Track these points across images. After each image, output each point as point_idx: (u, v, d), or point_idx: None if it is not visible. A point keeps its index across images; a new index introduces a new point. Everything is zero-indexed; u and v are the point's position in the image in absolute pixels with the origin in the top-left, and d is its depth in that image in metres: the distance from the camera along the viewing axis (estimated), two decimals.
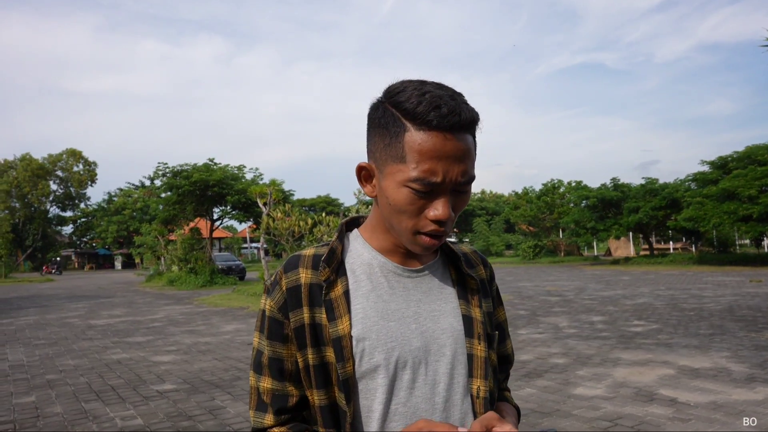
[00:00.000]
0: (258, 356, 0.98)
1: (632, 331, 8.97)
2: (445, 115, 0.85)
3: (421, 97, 0.87)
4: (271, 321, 0.96)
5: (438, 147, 0.86)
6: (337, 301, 0.94)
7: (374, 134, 0.94)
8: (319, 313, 0.94)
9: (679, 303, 12.26)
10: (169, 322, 12.50)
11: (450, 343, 0.98)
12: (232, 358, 7.98)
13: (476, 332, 1.00)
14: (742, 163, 24.76)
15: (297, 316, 0.94)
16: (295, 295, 0.94)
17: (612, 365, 6.67)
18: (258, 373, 0.97)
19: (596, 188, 32.08)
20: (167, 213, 28.69)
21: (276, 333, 0.96)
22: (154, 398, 5.95)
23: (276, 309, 0.96)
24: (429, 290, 1.00)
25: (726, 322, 9.41)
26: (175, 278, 25.94)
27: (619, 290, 15.74)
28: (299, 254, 0.99)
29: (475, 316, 1.02)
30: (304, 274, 0.96)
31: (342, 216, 19.93)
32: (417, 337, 0.95)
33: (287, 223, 18.28)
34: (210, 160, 26.95)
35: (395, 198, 0.90)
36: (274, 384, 0.96)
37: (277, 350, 0.95)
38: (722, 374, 6.08)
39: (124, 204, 55.82)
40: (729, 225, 23.59)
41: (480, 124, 0.92)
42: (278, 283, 0.97)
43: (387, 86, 0.93)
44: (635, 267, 26.55)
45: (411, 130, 0.87)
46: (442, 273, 1.04)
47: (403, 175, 0.88)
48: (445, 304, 1.00)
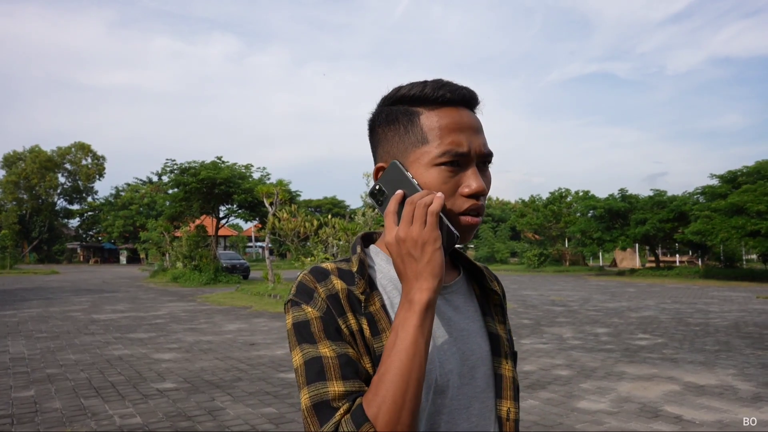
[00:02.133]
0: (315, 364, 0.81)
1: (637, 344, 8.88)
2: (455, 90, 0.89)
3: (423, 84, 0.90)
4: (325, 321, 0.84)
5: (456, 119, 0.88)
6: (378, 314, 0.87)
7: (384, 132, 0.93)
8: (363, 324, 0.86)
9: (685, 317, 12.14)
10: (171, 319, 12.49)
11: (480, 364, 0.94)
12: (233, 358, 7.95)
13: (503, 351, 0.97)
14: (752, 178, 24.58)
15: (346, 323, 0.85)
16: (337, 302, 0.86)
17: (616, 379, 6.60)
18: (321, 380, 0.79)
19: (604, 198, 31.93)
20: (173, 209, 28.76)
21: (336, 331, 0.83)
22: (153, 397, 5.92)
23: (323, 313, 0.85)
24: (457, 308, 0.96)
25: (732, 339, 9.30)
26: (179, 275, 25.99)
27: (625, 302, 15.63)
28: (322, 266, 0.91)
29: (501, 334, 0.99)
30: (337, 282, 0.88)
31: (348, 218, 19.90)
32: (450, 358, 0.90)
33: (293, 223, 18.27)
34: (218, 158, 27.00)
35: (425, 182, 0.87)
36: (351, 385, 0.80)
37: (344, 348, 0.82)
38: (728, 392, 5.99)
39: (131, 199, 56.05)
40: (737, 240, 23.41)
41: (481, 105, 0.94)
42: (315, 291, 0.87)
43: (381, 99, 0.95)
44: (641, 279, 26.37)
45: (424, 112, 0.89)
46: (467, 289, 1.00)
47: (429, 155, 0.87)
48: (473, 323, 0.96)
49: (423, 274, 0.80)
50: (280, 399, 5.81)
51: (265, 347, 8.85)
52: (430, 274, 0.79)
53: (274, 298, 16.46)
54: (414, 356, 0.76)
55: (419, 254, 0.80)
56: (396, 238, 0.82)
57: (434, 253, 0.80)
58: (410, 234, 0.81)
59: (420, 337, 0.77)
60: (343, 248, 16.65)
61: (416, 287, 0.79)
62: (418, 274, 0.80)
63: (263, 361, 7.73)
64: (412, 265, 0.81)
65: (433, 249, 0.80)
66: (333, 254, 16.83)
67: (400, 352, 0.76)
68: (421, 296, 0.79)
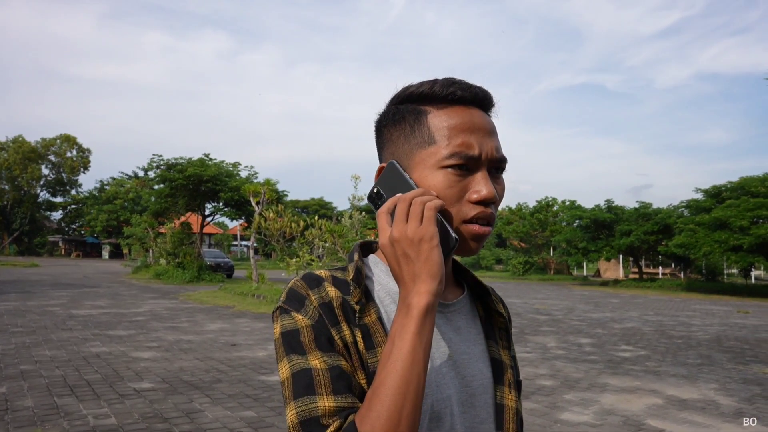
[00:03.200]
0: (304, 377, 0.73)
1: (620, 356, 8.88)
2: (466, 88, 0.83)
3: (433, 82, 0.84)
4: (316, 331, 0.77)
5: (467, 119, 0.82)
6: (374, 327, 0.80)
7: (389, 132, 0.87)
8: (357, 336, 0.79)
9: (668, 330, 12.20)
10: (152, 317, 12.31)
11: (480, 392, 0.86)
12: (213, 359, 7.81)
13: (506, 379, 0.90)
14: (736, 194, 24.87)
15: (340, 333, 0.77)
16: (330, 311, 0.78)
17: (600, 390, 6.57)
18: (309, 394, 0.72)
19: (590, 209, 32.15)
20: (159, 205, 28.52)
21: (328, 342, 0.76)
22: (130, 396, 5.79)
23: (315, 322, 0.78)
24: (459, 329, 0.88)
25: (714, 353, 9.35)
26: (162, 272, 25.76)
27: (608, 313, 15.69)
28: (316, 273, 0.84)
29: (505, 360, 0.92)
30: (331, 290, 0.81)
31: (335, 220, 19.80)
32: (449, 383, 0.82)
33: (279, 223, 18.14)
34: (205, 155, 26.83)
35: (430, 185, 0.81)
36: (343, 401, 0.72)
37: (336, 360, 0.75)
38: (710, 407, 5.99)
39: (116, 193, 55.39)
40: (719, 254, 23.66)
41: (496, 108, 0.88)
42: (306, 298, 0.80)
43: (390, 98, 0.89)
44: (624, 290, 26.55)
45: (433, 111, 0.83)
46: (470, 310, 0.93)
47: (436, 156, 0.81)
48: (475, 346, 0.89)
49: (420, 276, 0.72)
50: (260, 402, 5.70)
51: (246, 348, 8.72)
52: (428, 275, 0.72)
53: (257, 298, 16.31)
54: (412, 366, 0.69)
55: (415, 253, 0.73)
56: (390, 239, 0.76)
57: (431, 251, 0.73)
58: (405, 232, 0.74)
59: (418, 346, 0.70)
60: (329, 250, 16.55)
61: (413, 290, 0.72)
62: (414, 275, 0.73)
63: (244, 363, 7.61)
64: (408, 266, 0.74)
65: (430, 246, 0.73)
66: (318, 256, 16.72)
67: (396, 362, 0.69)
68: (419, 300, 0.71)
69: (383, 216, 0.79)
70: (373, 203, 0.85)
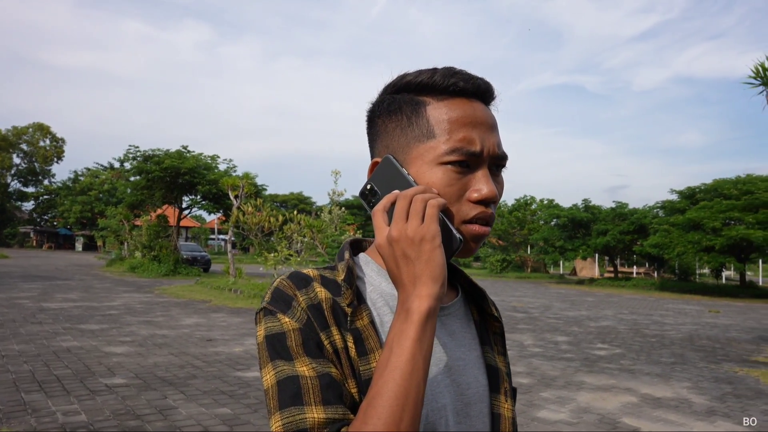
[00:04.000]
0: (290, 385, 0.68)
1: (596, 354, 8.97)
2: (469, 79, 0.78)
3: (433, 71, 0.79)
4: (305, 334, 0.71)
5: (468, 113, 0.77)
6: (366, 331, 0.75)
7: (384, 124, 0.81)
8: (349, 341, 0.73)
9: (642, 328, 12.38)
10: (126, 311, 12.09)
11: (476, 401, 0.81)
12: (188, 354, 7.69)
13: (502, 387, 0.86)
14: (709, 195, 25.36)
15: (330, 338, 0.72)
16: (319, 314, 0.73)
17: (576, 389, 6.62)
18: (297, 405, 0.66)
19: (568, 208, 32.49)
20: (135, 197, 28.07)
21: (317, 347, 0.71)
22: (101, 393, 5.65)
23: (303, 325, 0.72)
24: (453, 334, 0.83)
25: (687, 352, 9.50)
26: (137, 265, 25.39)
27: (584, 311, 15.87)
28: (304, 272, 0.78)
29: (500, 367, 0.87)
30: (321, 291, 0.75)
31: (314, 215, 19.68)
32: (444, 392, 0.77)
33: (257, 217, 17.98)
34: (183, 147, 26.49)
35: (428, 182, 0.76)
36: (334, 412, 0.66)
37: (326, 367, 0.69)
38: (683, 405, 6.08)
39: (91, 184, 54.38)
40: (692, 254, 24.10)
41: (497, 101, 0.83)
42: (294, 299, 0.74)
43: (383, 87, 0.84)
44: (599, 288, 26.91)
45: (432, 102, 0.78)
46: (465, 313, 0.88)
47: (435, 151, 0.76)
48: (470, 352, 0.84)
49: (421, 278, 0.67)
50: (236, 399, 5.62)
51: (222, 344, 8.61)
52: (429, 278, 0.67)
53: (234, 293, 16.13)
54: (411, 376, 0.63)
55: (416, 254, 0.68)
56: (388, 239, 0.70)
57: (433, 251, 0.68)
58: (405, 232, 0.69)
59: (418, 353, 0.65)
60: (307, 245, 16.44)
61: (414, 294, 0.67)
62: (415, 277, 0.68)
63: (220, 359, 7.50)
64: (407, 267, 0.68)
65: (432, 246, 0.68)
66: (297, 251, 16.60)
67: (394, 370, 0.64)
68: (419, 304, 0.66)
69: (379, 214, 0.74)
70: (365, 201, 0.80)
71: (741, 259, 23.94)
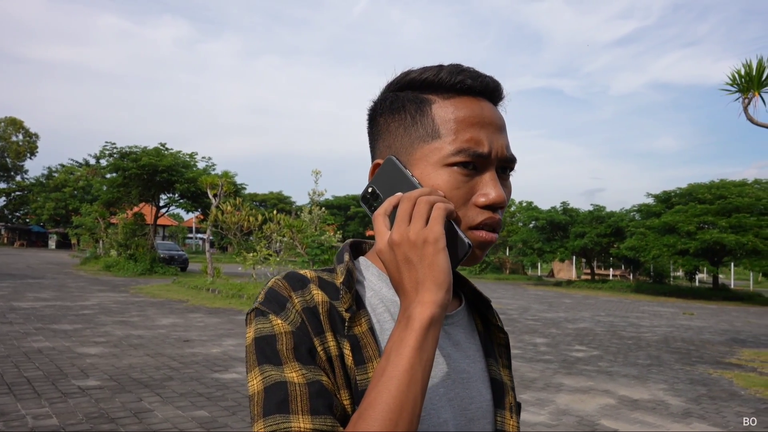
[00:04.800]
0: (277, 392, 0.63)
1: (574, 356, 9.04)
2: (477, 77, 0.74)
3: (439, 68, 0.75)
4: (297, 338, 0.67)
5: (476, 112, 0.73)
6: (365, 338, 0.70)
7: (386, 123, 0.77)
8: (345, 348, 0.69)
9: (619, 330, 12.53)
10: (100, 311, 11.85)
11: (479, 417, 0.77)
12: (165, 355, 7.55)
13: (508, 403, 0.82)
14: (684, 200, 25.82)
15: (324, 345, 0.67)
16: (315, 318, 0.69)
17: (555, 391, 6.66)
18: (282, 413, 0.62)
19: (546, 210, 32.80)
20: (111, 195, 27.62)
21: (308, 353, 0.66)
22: (74, 395, 5.51)
23: (296, 328, 0.68)
24: (458, 344, 0.79)
25: (662, 353, 9.63)
26: (112, 263, 25.00)
27: (562, 313, 16.01)
28: (300, 273, 0.74)
29: (506, 381, 0.84)
30: (318, 293, 0.71)
31: (294, 215, 19.54)
32: (445, 406, 0.73)
33: (236, 217, 17.81)
34: (161, 144, 26.17)
35: (433, 185, 0.72)
36: (322, 423, 0.62)
37: (317, 375, 0.65)
38: (660, 407, 6.14)
39: (65, 181, 53.29)
40: (667, 257, 24.51)
41: (505, 102, 0.79)
42: (288, 300, 0.70)
43: (385, 84, 0.80)
44: (576, 290, 27.20)
45: (438, 101, 0.74)
46: (468, 323, 0.84)
47: (440, 152, 0.72)
48: (474, 364, 0.80)
49: (424, 283, 0.63)
50: (213, 401, 5.52)
51: (200, 344, 8.48)
52: (433, 283, 0.62)
53: (212, 293, 15.93)
54: (408, 387, 0.59)
55: (418, 257, 0.63)
56: (389, 243, 0.66)
57: (437, 254, 0.63)
58: (407, 235, 0.64)
59: (417, 364, 0.60)
60: (287, 245, 16.32)
61: (416, 300, 0.62)
62: (417, 283, 0.63)
63: (197, 360, 7.38)
64: (409, 272, 0.64)
65: (435, 250, 0.63)
66: (276, 251, 16.46)
67: (390, 380, 0.59)
68: (421, 311, 0.62)
69: (381, 218, 0.69)
70: (367, 205, 0.75)
71: (714, 262, 24.42)
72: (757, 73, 7.17)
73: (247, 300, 14.40)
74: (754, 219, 22.39)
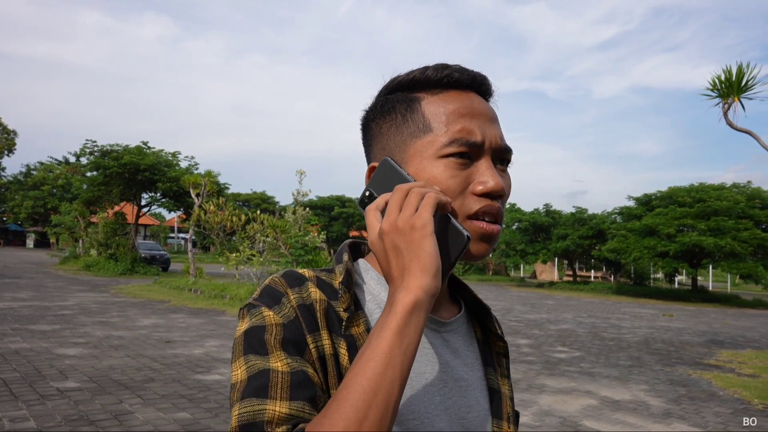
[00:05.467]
0: (259, 379, 0.62)
1: (557, 357, 9.11)
2: (463, 71, 0.75)
3: (425, 67, 0.76)
4: (287, 331, 0.65)
5: (466, 104, 0.74)
6: (361, 339, 0.69)
7: (378, 126, 0.78)
8: (341, 348, 0.68)
9: (600, 332, 12.65)
10: (80, 311, 11.67)
11: (477, 426, 0.76)
12: (146, 356, 7.45)
13: (505, 412, 0.81)
14: (664, 202, 26.19)
15: (317, 342, 0.66)
16: (310, 315, 0.67)
17: (538, 392, 6.70)
18: (260, 396, 0.60)
19: (529, 212, 33.05)
20: (91, 193, 27.23)
21: (295, 347, 0.65)
22: (52, 397, 5.41)
23: (288, 322, 0.66)
24: (456, 352, 0.78)
25: (643, 354, 9.74)
26: (92, 263, 24.65)
27: (544, 314, 16.13)
28: (298, 271, 0.73)
29: (504, 390, 0.82)
30: (315, 291, 0.70)
31: (277, 215, 19.43)
32: (442, 414, 0.72)
33: (219, 217, 17.68)
34: (143, 143, 25.89)
35: (429, 177, 0.72)
36: (300, 409, 0.60)
37: (302, 366, 0.63)
38: (641, 408, 6.21)
39: (44, 179, 52.44)
40: (647, 259, 24.83)
41: (496, 96, 0.80)
42: (284, 296, 0.68)
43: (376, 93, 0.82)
44: (558, 292, 27.44)
45: (427, 97, 0.75)
46: (467, 330, 0.83)
47: (434, 144, 0.72)
48: (473, 373, 0.79)
49: (410, 269, 0.61)
50: (196, 403, 5.46)
51: (182, 345, 8.38)
52: (418, 268, 0.61)
53: (194, 293, 15.78)
54: (385, 370, 0.56)
55: (405, 244, 0.63)
56: (379, 233, 0.65)
57: (423, 239, 0.62)
58: (395, 223, 0.64)
59: (397, 347, 0.58)
60: (270, 245, 16.22)
61: (401, 286, 0.61)
62: (404, 269, 0.62)
63: (179, 361, 7.30)
64: (397, 259, 0.63)
65: (422, 235, 0.62)
66: (259, 251, 16.36)
67: (367, 362, 0.57)
68: (405, 296, 0.60)
69: (372, 213, 0.69)
70: (364, 209, 0.75)
71: (693, 264, 24.81)
72: (737, 78, 7.29)
73: (230, 300, 14.29)
74: (732, 222, 22.77)
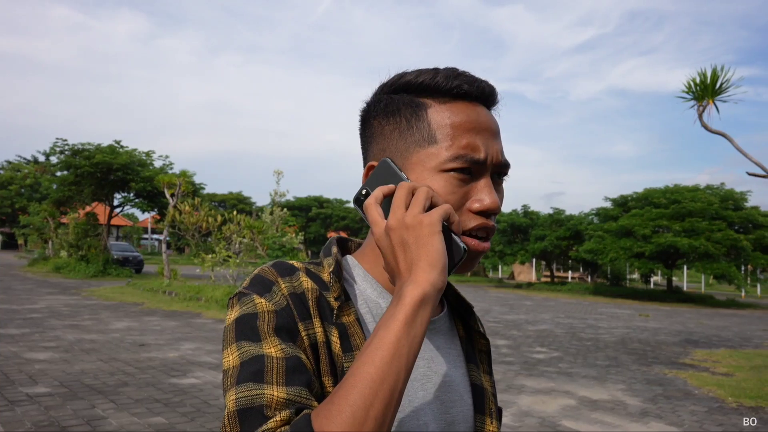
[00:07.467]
0: (253, 364, 0.61)
1: (535, 357, 9.15)
2: (473, 82, 0.75)
3: (435, 71, 0.75)
4: (279, 318, 0.65)
5: (473, 117, 0.74)
6: (352, 327, 0.70)
7: (380, 125, 0.77)
8: (333, 336, 0.68)
9: (578, 332, 12.77)
10: (50, 314, 11.37)
11: (460, 421, 0.77)
12: (119, 360, 7.28)
13: (488, 408, 0.82)
14: (640, 204, 26.60)
15: (308, 330, 0.66)
16: (302, 303, 0.68)
17: (517, 392, 6.70)
18: (256, 381, 0.60)
19: (507, 213, 33.30)
20: (61, 193, 26.58)
21: (288, 334, 0.64)
22: (21, 403, 5.23)
23: (280, 309, 0.66)
24: (438, 349, 0.79)
25: (620, 354, 9.85)
26: (63, 265, 24.10)
27: (522, 315, 16.24)
28: (288, 262, 0.73)
29: (486, 386, 0.84)
30: (306, 281, 0.70)
31: (254, 216, 19.23)
32: (426, 408, 0.73)
33: (195, 217, 17.44)
34: (116, 142, 25.38)
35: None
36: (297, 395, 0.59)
37: (296, 352, 0.63)
38: (619, 407, 6.25)
39: (11, 178, 51.15)
40: (624, 260, 25.18)
41: (499, 107, 0.80)
42: (275, 284, 0.68)
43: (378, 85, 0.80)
44: (536, 292, 27.68)
45: (434, 105, 0.74)
46: (449, 328, 0.84)
47: (437, 158, 0.72)
48: (455, 369, 0.80)
49: (418, 263, 0.62)
50: (171, 407, 5.33)
51: (156, 349, 8.21)
52: (426, 263, 0.62)
53: (169, 295, 15.51)
54: (392, 359, 0.57)
55: (413, 239, 0.63)
56: (386, 230, 0.66)
57: (432, 236, 0.63)
58: (403, 219, 0.65)
59: (404, 338, 0.58)
60: (247, 246, 16.04)
61: (409, 280, 0.62)
62: (411, 264, 0.63)
63: (153, 365, 7.14)
64: (404, 254, 0.64)
65: (431, 231, 0.63)
66: (236, 252, 16.16)
67: (375, 351, 0.57)
68: (413, 289, 0.61)
69: (373, 207, 0.68)
70: (360, 207, 0.74)
71: (668, 265, 25.23)
72: (711, 81, 7.39)
73: (205, 303, 14.07)
74: (706, 223, 23.22)
